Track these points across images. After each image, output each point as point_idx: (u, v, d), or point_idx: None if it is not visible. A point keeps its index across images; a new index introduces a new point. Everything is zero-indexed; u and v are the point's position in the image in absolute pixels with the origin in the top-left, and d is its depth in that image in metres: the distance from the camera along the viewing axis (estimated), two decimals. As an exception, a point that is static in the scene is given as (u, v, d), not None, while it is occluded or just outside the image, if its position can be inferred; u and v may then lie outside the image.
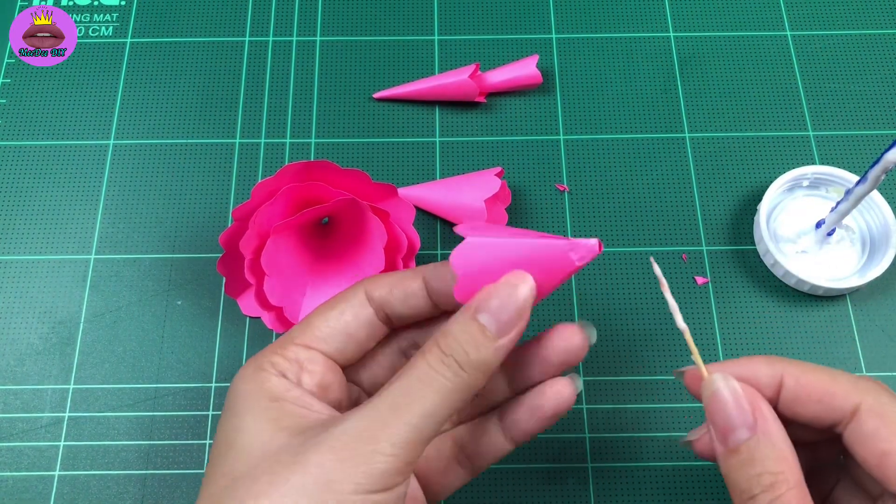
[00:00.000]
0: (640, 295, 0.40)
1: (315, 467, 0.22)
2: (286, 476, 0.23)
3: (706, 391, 0.26)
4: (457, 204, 0.40)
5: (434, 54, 0.46)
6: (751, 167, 0.44)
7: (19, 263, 0.41)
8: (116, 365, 0.39)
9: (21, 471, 0.37)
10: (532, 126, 0.45)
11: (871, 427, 0.24)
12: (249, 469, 0.23)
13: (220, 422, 0.26)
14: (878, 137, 0.44)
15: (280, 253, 0.36)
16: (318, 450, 0.23)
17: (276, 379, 0.26)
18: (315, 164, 0.35)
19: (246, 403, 0.25)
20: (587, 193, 0.43)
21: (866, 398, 0.25)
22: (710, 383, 0.26)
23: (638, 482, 0.37)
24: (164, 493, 0.36)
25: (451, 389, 0.24)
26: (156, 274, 0.41)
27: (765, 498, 0.24)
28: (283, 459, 0.23)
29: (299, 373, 0.27)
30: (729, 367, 0.27)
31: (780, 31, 0.47)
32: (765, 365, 0.27)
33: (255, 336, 0.40)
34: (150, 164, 0.44)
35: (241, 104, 0.45)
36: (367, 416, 0.24)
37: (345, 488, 0.22)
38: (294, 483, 0.22)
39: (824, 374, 0.26)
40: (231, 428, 0.25)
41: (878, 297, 0.40)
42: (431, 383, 0.24)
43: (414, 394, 0.24)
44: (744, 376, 0.27)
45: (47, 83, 0.46)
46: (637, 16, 0.48)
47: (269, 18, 0.47)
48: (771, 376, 0.26)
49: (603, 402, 0.38)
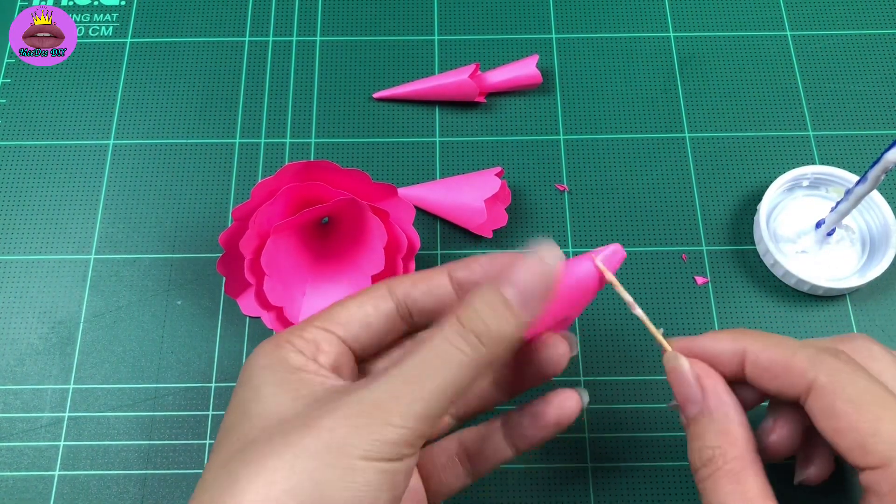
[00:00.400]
0: (640, 295, 0.40)
1: (327, 431, 0.23)
2: (298, 439, 0.23)
3: (666, 366, 0.28)
4: (457, 204, 0.40)
5: (434, 54, 0.46)
6: (751, 167, 0.44)
7: (19, 263, 0.41)
8: (116, 365, 0.39)
9: (21, 471, 0.37)
10: (532, 126, 0.45)
11: (823, 404, 0.25)
12: (263, 432, 0.24)
13: (234, 394, 0.26)
14: (878, 137, 0.44)
15: (280, 253, 0.36)
16: (332, 415, 0.23)
17: (293, 355, 0.26)
18: (315, 164, 0.35)
19: (263, 375, 0.26)
20: (587, 193, 0.43)
21: (820, 375, 0.25)
22: (668, 359, 0.28)
23: (638, 482, 0.37)
24: (164, 493, 0.36)
25: (468, 364, 0.24)
26: (156, 274, 0.41)
27: (703, 472, 0.26)
28: (296, 423, 0.23)
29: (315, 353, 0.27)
30: (693, 342, 0.28)
31: (780, 31, 0.47)
32: (729, 340, 0.27)
33: (255, 336, 0.40)
34: (150, 164, 0.44)
35: (241, 104, 0.45)
36: (382, 387, 0.24)
37: (355, 453, 0.22)
38: (306, 445, 0.23)
39: (784, 350, 0.26)
40: (246, 397, 0.25)
41: (878, 297, 0.40)
42: (448, 357, 0.24)
43: (429, 367, 0.24)
44: (707, 351, 0.28)
45: (47, 83, 0.46)
46: (637, 16, 0.48)
47: (269, 18, 0.47)
48: (733, 352, 0.27)
49: (603, 403, 0.38)
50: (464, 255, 0.41)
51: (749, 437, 0.26)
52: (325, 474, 0.22)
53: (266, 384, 0.25)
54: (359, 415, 0.23)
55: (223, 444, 0.25)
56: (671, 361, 0.28)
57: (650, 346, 0.39)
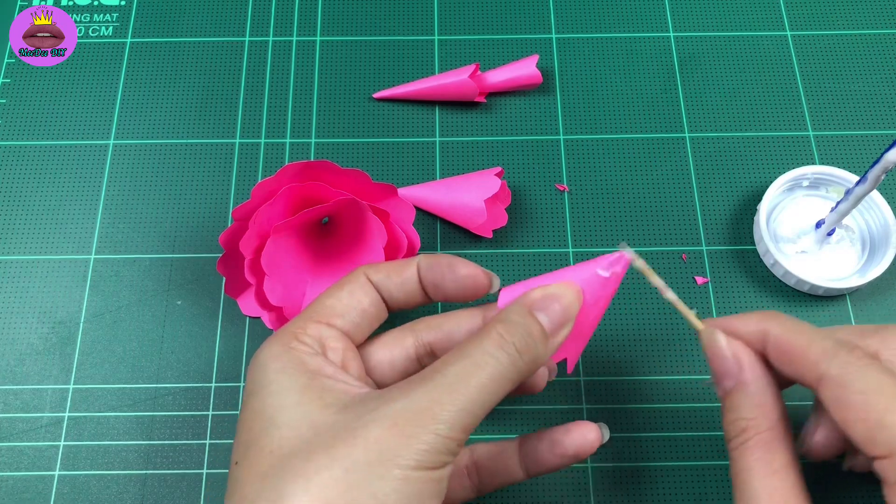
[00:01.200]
0: (641, 294, 0.40)
1: (375, 442, 0.23)
2: (346, 451, 0.23)
3: (704, 342, 0.29)
4: (457, 204, 0.40)
5: (434, 54, 0.46)
6: (751, 167, 0.44)
7: (19, 263, 0.41)
8: (116, 365, 0.39)
9: (21, 471, 0.37)
10: (532, 126, 0.45)
11: (834, 395, 0.25)
12: (301, 445, 0.24)
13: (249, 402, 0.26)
14: (878, 137, 0.44)
15: (280, 253, 0.36)
16: (378, 425, 0.23)
17: (308, 356, 0.26)
18: (315, 164, 0.35)
19: (282, 381, 0.26)
20: (587, 193, 0.43)
21: (831, 367, 0.25)
22: (704, 335, 0.29)
23: (638, 482, 0.37)
24: (164, 493, 0.36)
25: (504, 376, 0.25)
26: (156, 274, 0.41)
27: (736, 442, 0.27)
28: (340, 434, 0.23)
29: (324, 350, 0.27)
30: (723, 322, 0.29)
31: (780, 31, 0.47)
32: (755, 322, 0.28)
33: (255, 336, 0.40)
34: (150, 164, 0.44)
35: (241, 104, 0.45)
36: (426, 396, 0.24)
37: (405, 463, 0.23)
38: (356, 458, 0.23)
39: (801, 338, 0.27)
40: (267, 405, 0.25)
41: (878, 297, 0.40)
42: (486, 367, 0.25)
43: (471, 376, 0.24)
44: (734, 331, 0.28)
45: (47, 83, 0.46)
46: (637, 16, 0.48)
47: (269, 18, 0.47)
48: (757, 333, 0.28)
49: (603, 403, 0.38)
50: (464, 255, 0.41)
51: (782, 412, 0.27)
52: (379, 486, 0.22)
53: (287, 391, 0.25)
54: (406, 423, 0.23)
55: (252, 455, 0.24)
56: (709, 337, 0.28)
57: (650, 347, 0.39)
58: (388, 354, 0.30)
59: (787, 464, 0.26)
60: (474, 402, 0.24)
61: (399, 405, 0.24)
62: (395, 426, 0.23)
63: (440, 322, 0.30)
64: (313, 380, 0.26)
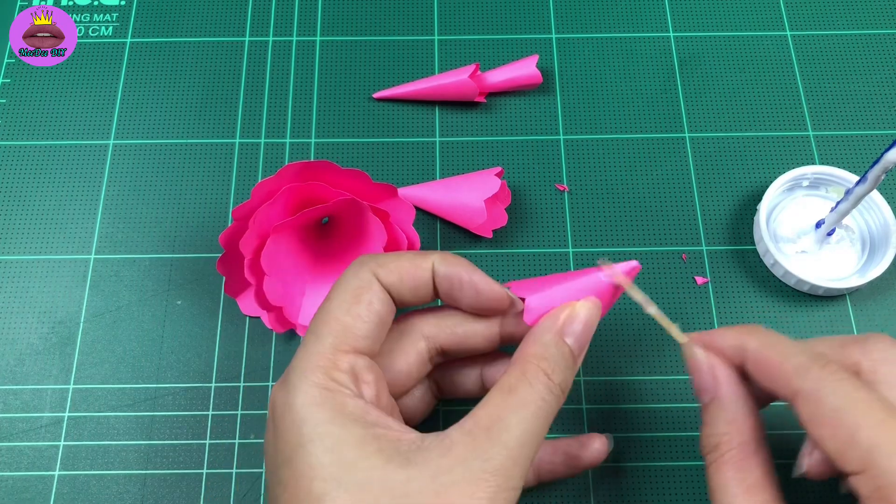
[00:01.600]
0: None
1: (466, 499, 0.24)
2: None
3: (685, 357, 0.29)
4: (457, 204, 0.40)
5: (434, 54, 0.46)
6: (751, 167, 0.44)
7: (19, 263, 0.41)
8: (116, 365, 0.39)
9: (21, 471, 0.37)
10: (532, 126, 0.45)
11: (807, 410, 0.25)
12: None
13: (296, 456, 0.25)
14: (878, 137, 0.44)
15: (280, 253, 0.36)
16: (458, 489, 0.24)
17: (351, 401, 0.26)
18: (315, 164, 0.35)
19: (335, 433, 0.25)
20: (587, 193, 0.43)
21: (805, 383, 0.25)
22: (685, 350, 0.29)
23: (638, 482, 0.37)
24: (164, 493, 0.36)
25: (551, 414, 0.26)
26: (156, 274, 0.41)
27: (710, 457, 0.27)
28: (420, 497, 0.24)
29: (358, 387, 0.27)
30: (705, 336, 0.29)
31: (780, 31, 0.47)
32: (733, 336, 0.28)
33: (255, 336, 0.40)
34: (150, 164, 0.44)
35: (241, 104, 0.45)
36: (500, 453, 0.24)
37: None
38: None
39: (777, 353, 0.27)
40: (329, 462, 0.24)
41: (878, 297, 0.40)
42: (539, 411, 0.26)
43: (529, 423, 0.25)
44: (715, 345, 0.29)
45: (47, 83, 0.46)
46: (637, 16, 0.48)
47: (269, 18, 0.47)
48: (736, 348, 0.28)
49: (603, 402, 0.38)
50: (464, 255, 0.41)
51: (757, 427, 0.27)
52: None
53: (345, 445, 0.24)
54: (489, 484, 0.24)
55: None
56: (689, 351, 0.29)
57: (650, 347, 0.39)
58: (405, 366, 0.30)
59: (761, 480, 0.26)
60: (534, 450, 0.26)
61: (476, 466, 0.24)
62: (478, 489, 0.24)
63: (451, 325, 0.30)
64: (365, 430, 0.25)
